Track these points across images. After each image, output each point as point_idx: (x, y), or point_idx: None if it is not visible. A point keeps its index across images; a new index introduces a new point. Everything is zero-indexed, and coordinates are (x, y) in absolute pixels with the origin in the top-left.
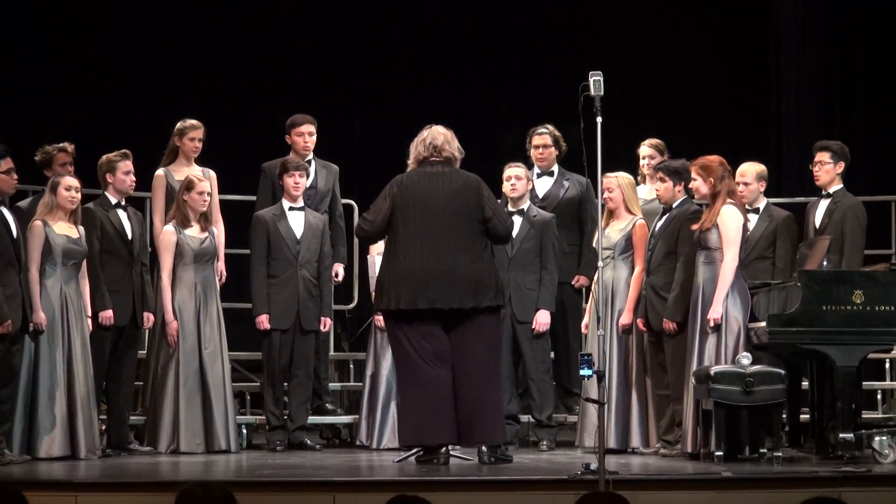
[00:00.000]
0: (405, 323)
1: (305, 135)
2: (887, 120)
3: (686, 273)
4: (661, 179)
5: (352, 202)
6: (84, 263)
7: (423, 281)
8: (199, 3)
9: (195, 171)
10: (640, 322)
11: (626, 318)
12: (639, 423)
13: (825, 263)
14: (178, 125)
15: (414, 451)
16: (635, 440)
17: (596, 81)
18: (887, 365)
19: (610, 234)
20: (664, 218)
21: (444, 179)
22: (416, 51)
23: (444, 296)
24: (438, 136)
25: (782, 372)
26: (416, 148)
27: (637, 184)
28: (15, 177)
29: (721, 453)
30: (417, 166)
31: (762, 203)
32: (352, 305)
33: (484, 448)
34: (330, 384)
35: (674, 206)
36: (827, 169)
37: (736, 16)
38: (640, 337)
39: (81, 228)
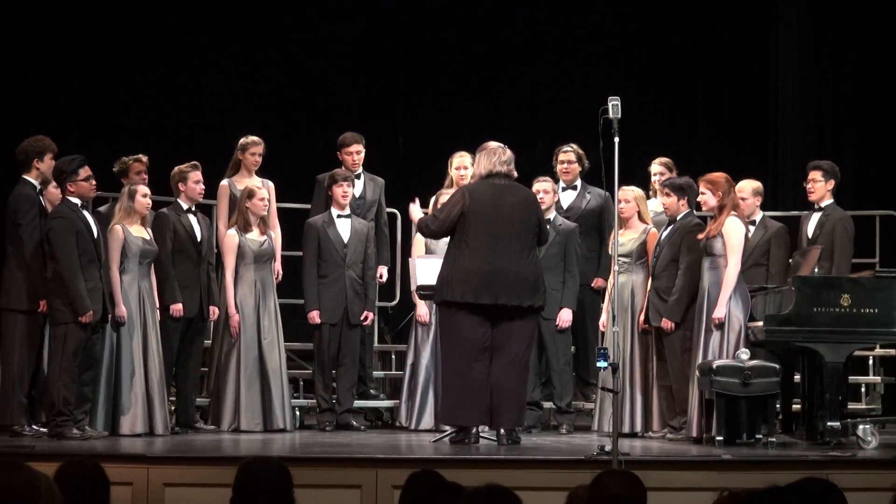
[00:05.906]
0: (463, 315)
1: (354, 153)
2: (873, 143)
3: (685, 280)
4: (667, 195)
5: (395, 211)
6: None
7: (490, 279)
8: (261, 37)
9: (255, 181)
10: (640, 320)
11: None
12: (658, 411)
13: (816, 270)
14: (241, 141)
15: (448, 432)
16: (655, 425)
17: (614, 106)
18: (871, 361)
19: (624, 242)
20: (669, 228)
21: (509, 192)
22: (453, 77)
23: (506, 293)
24: (508, 157)
25: (777, 366)
26: (490, 162)
27: (648, 197)
28: (93, 183)
29: (721, 438)
30: (485, 177)
31: (758, 216)
32: (394, 303)
33: (502, 431)
34: (373, 372)
35: (678, 218)
36: (819, 186)
37: (739, 52)
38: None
39: (150, 230)
